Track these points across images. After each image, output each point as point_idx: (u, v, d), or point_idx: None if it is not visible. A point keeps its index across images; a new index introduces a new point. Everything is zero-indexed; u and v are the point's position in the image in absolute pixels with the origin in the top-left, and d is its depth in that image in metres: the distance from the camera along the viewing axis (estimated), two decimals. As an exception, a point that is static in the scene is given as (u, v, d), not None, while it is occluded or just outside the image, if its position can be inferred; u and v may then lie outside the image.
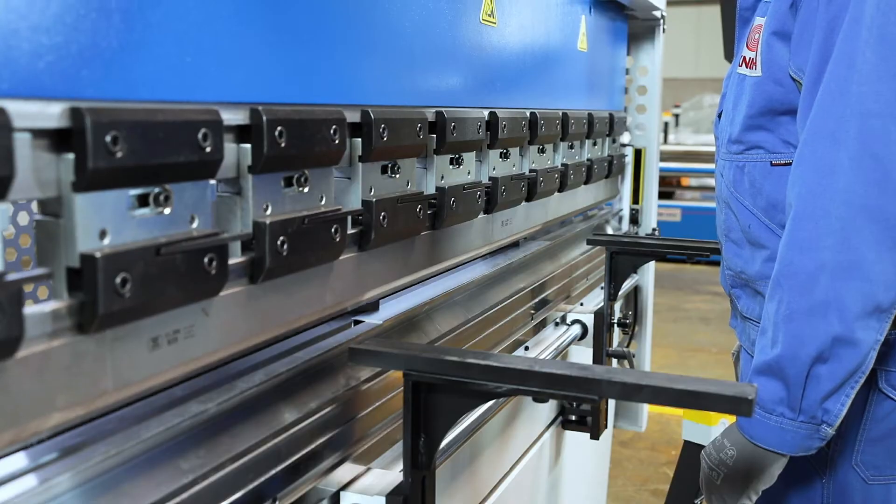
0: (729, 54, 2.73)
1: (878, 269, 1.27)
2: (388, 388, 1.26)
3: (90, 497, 0.80)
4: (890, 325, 1.39)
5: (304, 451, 1.06)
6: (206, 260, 0.85)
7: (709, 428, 2.47)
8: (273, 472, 0.99)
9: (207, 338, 0.90)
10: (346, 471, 1.14)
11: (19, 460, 0.79)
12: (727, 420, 2.49)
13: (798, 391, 1.32)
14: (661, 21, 2.97)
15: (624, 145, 2.95)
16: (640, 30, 2.97)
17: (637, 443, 4.44)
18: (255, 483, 0.96)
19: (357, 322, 1.34)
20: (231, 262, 0.90)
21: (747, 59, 1.55)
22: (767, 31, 1.48)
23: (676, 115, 13.19)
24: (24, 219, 1.44)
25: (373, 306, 1.38)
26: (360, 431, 1.19)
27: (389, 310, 1.40)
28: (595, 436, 2.11)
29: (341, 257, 1.12)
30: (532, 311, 1.96)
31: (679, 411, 3.01)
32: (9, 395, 0.69)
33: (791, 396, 1.32)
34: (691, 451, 2.51)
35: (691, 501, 2.47)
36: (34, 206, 0.81)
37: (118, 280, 0.75)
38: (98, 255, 0.73)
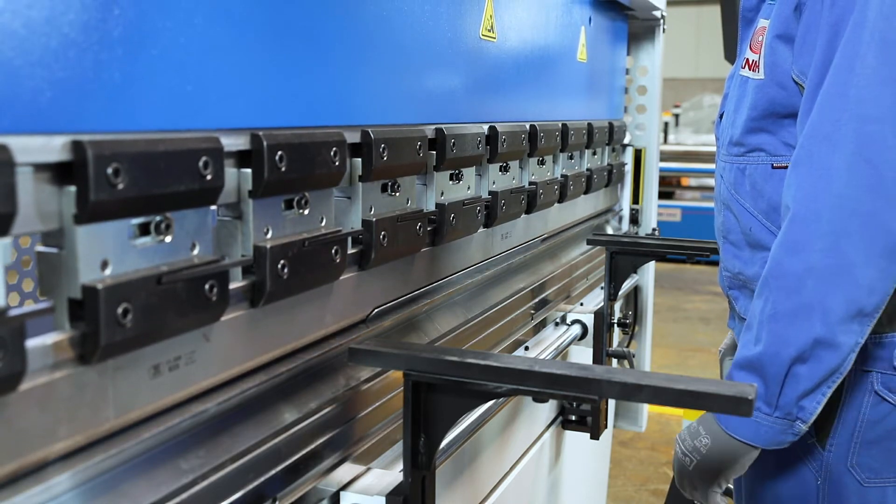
0: (729, 54, 2.74)
1: (864, 273, 1.28)
2: (388, 388, 1.26)
3: (90, 497, 0.80)
4: (889, 328, 1.39)
5: (304, 451, 1.06)
6: (206, 287, 0.85)
7: (709, 428, 2.47)
8: (273, 472, 1.00)
9: (208, 363, 0.91)
10: (346, 471, 1.15)
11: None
12: (727, 420, 2.49)
13: (776, 388, 1.33)
14: (661, 21, 2.97)
15: (624, 145, 2.96)
16: (640, 30, 2.97)
17: (637, 443, 4.44)
18: (255, 483, 0.96)
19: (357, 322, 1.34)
20: (232, 286, 0.91)
21: (750, 62, 1.54)
22: (771, 35, 1.48)
23: (676, 115, 13.17)
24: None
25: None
26: (360, 431, 1.19)
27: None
28: (595, 436, 2.11)
29: (341, 277, 1.13)
30: (532, 311, 1.96)
31: (679, 411, 3.02)
32: (11, 428, 0.69)
33: (769, 393, 1.34)
34: (691, 450, 2.51)
35: (691, 501, 2.47)
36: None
37: (120, 310, 0.75)
38: (100, 286, 0.73)
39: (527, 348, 1.95)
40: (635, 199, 3.03)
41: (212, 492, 0.90)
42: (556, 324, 2.19)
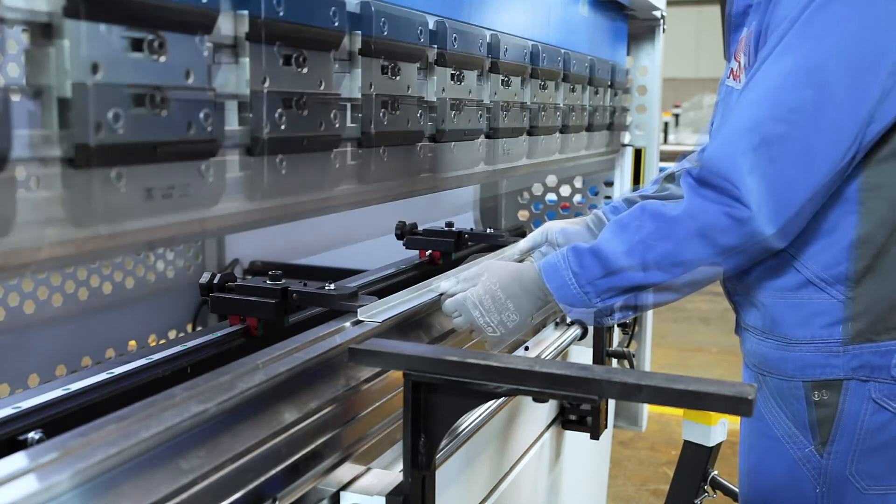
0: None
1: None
2: (388, 388, 1.26)
3: (90, 497, 0.80)
4: (886, 336, 1.39)
5: (304, 451, 1.06)
6: (201, 115, 0.83)
7: (709, 428, 2.47)
8: (273, 472, 1.00)
9: (202, 200, 0.89)
10: (346, 471, 1.15)
11: (19, 460, 0.79)
12: (727, 420, 2.49)
13: (614, 297, 1.38)
14: (661, 21, 2.97)
15: (624, 145, 2.95)
16: (640, 30, 2.97)
17: (637, 443, 4.44)
18: (255, 483, 0.96)
19: (356, 322, 1.34)
20: (228, 128, 0.89)
21: (734, 71, 1.50)
22: (750, 43, 1.44)
23: (676, 115, 13.20)
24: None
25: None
26: (360, 431, 1.19)
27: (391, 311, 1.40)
28: (595, 436, 2.11)
29: (340, 149, 1.11)
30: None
31: (679, 411, 3.02)
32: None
33: (606, 292, 1.38)
34: (691, 451, 2.50)
35: (691, 501, 2.47)
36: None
37: (110, 115, 0.73)
38: (90, 83, 0.72)
39: (527, 348, 1.94)
40: (635, 198, 3.03)
41: (212, 492, 0.90)
42: (556, 324, 2.19)
